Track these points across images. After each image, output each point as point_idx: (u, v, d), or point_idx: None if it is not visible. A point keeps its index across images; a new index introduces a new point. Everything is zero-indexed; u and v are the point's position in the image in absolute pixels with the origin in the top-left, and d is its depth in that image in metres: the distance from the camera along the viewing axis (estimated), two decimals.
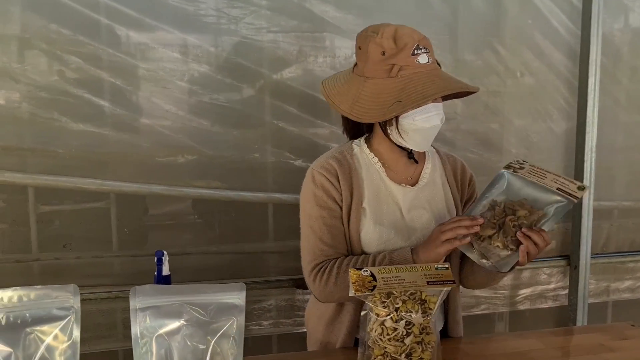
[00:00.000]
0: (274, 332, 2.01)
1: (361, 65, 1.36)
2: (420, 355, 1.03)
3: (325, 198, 1.36)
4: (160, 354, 0.91)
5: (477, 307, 2.23)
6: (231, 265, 1.94)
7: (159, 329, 0.91)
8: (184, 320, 0.92)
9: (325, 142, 1.97)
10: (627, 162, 2.33)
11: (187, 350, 0.92)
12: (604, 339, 1.40)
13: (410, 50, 1.28)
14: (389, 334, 1.02)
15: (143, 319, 0.90)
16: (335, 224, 1.36)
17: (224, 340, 0.93)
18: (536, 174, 1.24)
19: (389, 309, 1.03)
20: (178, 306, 0.92)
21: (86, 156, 1.78)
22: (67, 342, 0.87)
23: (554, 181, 1.22)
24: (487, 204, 1.24)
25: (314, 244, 1.36)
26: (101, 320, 1.82)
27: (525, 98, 2.18)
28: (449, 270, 1.10)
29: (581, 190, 1.20)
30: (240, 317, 0.94)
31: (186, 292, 0.93)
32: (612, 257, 2.35)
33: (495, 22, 2.12)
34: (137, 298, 0.90)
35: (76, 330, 0.87)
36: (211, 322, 0.93)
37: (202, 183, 1.90)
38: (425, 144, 1.38)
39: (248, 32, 1.86)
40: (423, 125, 1.31)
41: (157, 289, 0.94)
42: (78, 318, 0.88)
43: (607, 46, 2.17)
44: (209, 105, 1.86)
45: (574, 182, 1.22)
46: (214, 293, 0.94)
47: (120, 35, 1.77)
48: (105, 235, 1.84)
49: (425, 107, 1.29)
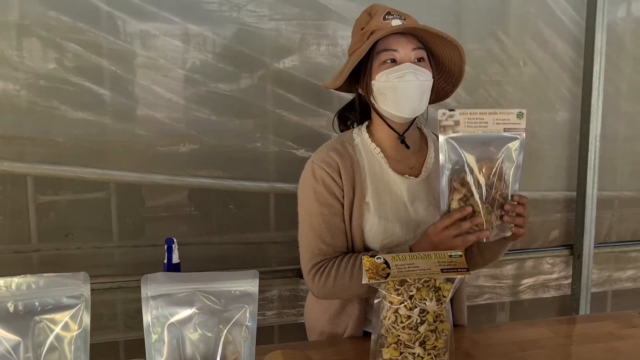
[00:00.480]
0: (278, 322, 1.99)
1: (348, 49, 1.42)
2: (434, 343, 1.02)
3: (325, 194, 1.33)
4: (172, 343, 0.88)
5: (480, 297, 2.23)
6: (233, 255, 1.93)
7: (170, 317, 0.88)
8: (196, 309, 0.89)
9: (327, 132, 1.94)
10: (630, 152, 2.33)
11: (199, 338, 0.90)
12: (612, 327, 1.39)
13: (381, 15, 1.31)
14: (403, 321, 1.01)
15: (155, 307, 0.87)
16: (335, 221, 1.33)
17: (236, 328, 0.91)
18: (476, 123, 1.16)
19: (402, 297, 1.01)
20: (190, 294, 0.89)
21: (86, 145, 1.75)
22: (77, 330, 0.84)
23: (496, 122, 1.16)
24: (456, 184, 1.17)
25: (312, 243, 1.34)
26: (102, 310, 1.80)
27: (528, 87, 2.18)
28: (462, 257, 1.09)
29: (521, 118, 1.16)
30: (253, 305, 0.92)
31: (198, 279, 0.91)
32: (615, 247, 2.36)
33: (499, 11, 2.10)
34: (148, 285, 0.87)
35: (86, 318, 0.85)
36: (224, 311, 0.90)
37: (204, 172, 1.88)
38: (408, 105, 1.31)
39: (250, 20, 1.84)
40: (396, 82, 1.28)
41: (169, 276, 0.91)
42: (88, 306, 0.86)
43: (611, 35, 2.16)
44: (211, 94, 1.84)
45: (511, 112, 1.17)
46: (227, 281, 0.92)
47: (121, 22, 1.74)
48: (106, 225, 1.81)
49: (400, 66, 1.29)
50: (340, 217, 1.34)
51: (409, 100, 1.30)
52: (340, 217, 1.34)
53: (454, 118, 1.16)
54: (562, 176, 2.25)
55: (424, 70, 1.31)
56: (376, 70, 1.31)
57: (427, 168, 1.40)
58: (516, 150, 1.17)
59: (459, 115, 1.16)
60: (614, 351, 1.26)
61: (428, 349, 1.02)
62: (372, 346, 1.05)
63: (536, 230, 2.24)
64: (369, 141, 1.40)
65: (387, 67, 1.30)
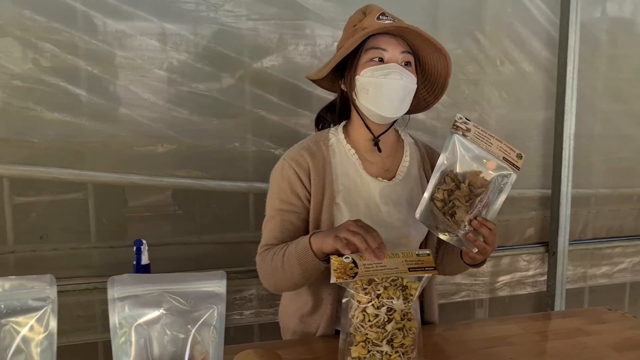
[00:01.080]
0: (256, 322, 2.00)
1: (338, 44, 1.41)
2: (401, 341, 1.04)
3: (288, 193, 1.35)
4: (139, 343, 0.89)
5: (457, 294, 2.25)
6: (212, 255, 1.93)
7: (138, 318, 0.89)
8: (163, 310, 0.90)
9: (306, 131, 1.96)
10: (605, 150, 2.36)
11: (167, 339, 0.90)
12: (581, 323, 1.42)
13: (375, 15, 1.32)
14: (371, 320, 1.02)
15: (122, 309, 0.88)
16: (291, 218, 1.35)
17: (204, 329, 0.92)
18: (483, 139, 1.21)
19: (370, 296, 1.03)
20: (158, 295, 0.90)
21: (63, 146, 1.74)
22: (43, 333, 0.85)
23: (499, 149, 1.20)
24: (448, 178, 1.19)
25: (265, 234, 1.37)
26: (79, 312, 1.80)
27: (505, 86, 2.20)
28: (430, 256, 1.10)
29: (520, 159, 1.20)
30: (221, 305, 0.93)
31: (166, 280, 0.92)
32: (590, 244, 2.39)
33: (475, 11, 2.12)
34: (115, 287, 0.88)
35: (53, 321, 0.86)
36: (192, 311, 0.91)
37: (182, 173, 1.88)
38: (389, 105, 1.31)
39: (227, 20, 1.84)
40: (381, 79, 1.29)
41: (136, 278, 0.92)
42: (55, 309, 0.86)
43: (586, 34, 2.19)
44: (189, 94, 1.84)
45: (513, 150, 1.21)
46: (194, 281, 0.92)
47: (97, 22, 1.74)
48: (83, 226, 1.81)
49: (387, 65, 1.30)
50: (297, 216, 1.35)
51: (390, 100, 1.31)
52: (297, 216, 1.35)
53: (468, 125, 1.21)
54: (537, 174, 2.28)
55: (409, 73, 1.32)
56: (362, 66, 1.32)
57: (401, 171, 1.41)
58: (507, 185, 1.20)
59: (472, 126, 1.21)
60: (580, 346, 1.29)
61: (396, 347, 1.03)
62: (340, 344, 1.07)
63: (512, 228, 2.27)
64: (344, 142, 1.40)
65: (374, 65, 1.31)
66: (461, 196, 1.18)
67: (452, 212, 1.19)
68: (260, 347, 1.10)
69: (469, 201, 1.18)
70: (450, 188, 1.19)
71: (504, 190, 1.21)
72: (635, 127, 2.41)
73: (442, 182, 1.20)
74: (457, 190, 1.19)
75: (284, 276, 1.28)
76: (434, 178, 1.20)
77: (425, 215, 1.20)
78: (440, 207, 1.19)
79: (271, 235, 1.36)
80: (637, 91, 2.38)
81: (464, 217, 1.18)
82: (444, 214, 1.19)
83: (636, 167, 2.43)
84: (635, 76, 2.37)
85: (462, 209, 1.18)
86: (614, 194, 2.42)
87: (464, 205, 1.18)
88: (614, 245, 2.43)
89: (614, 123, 2.37)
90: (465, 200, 1.18)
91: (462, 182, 1.18)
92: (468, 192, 1.18)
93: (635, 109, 2.40)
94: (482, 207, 1.20)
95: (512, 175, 1.20)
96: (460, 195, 1.18)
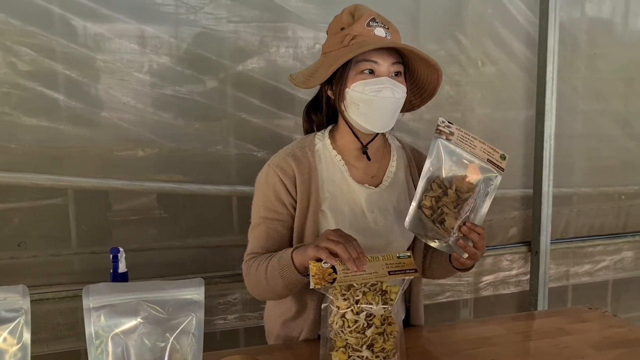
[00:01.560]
0: (240, 326, 1.99)
1: (323, 46, 1.37)
2: (382, 345, 1.04)
3: (273, 200, 1.33)
4: (116, 353, 0.88)
5: (442, 295, 2.26)
6: (195, 259, 1.92)
7: (114, 328, 0.88)
8: (140, 318, 0.89)
9: (289, 134, 1.95)
10: (585, 149, 2.39)
11: (144, 348, 0.89)
12: (562, 323, 1.43)
13: (365, 21, 1.28)
14: (350, 326, 1.02)
15: (97, 318, 0.87)
16: (276, 227, 1.34)
17: (183, 336, 0.91)
18: (467, 142, 1.20)
19: (349, 302, 1.02)
20: (134, 304, 0.89)
21: (41, 151, 1.72)
22: (17, 345, 0.83)
23: (483, 151, 1.20)
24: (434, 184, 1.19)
25: (252, 242, 1.37)
26: (60, 320, 1.77)
27: (487, 87, 2.21)
28: (411, 258, 1.10)
29: (504, 160, 1.20)
30: (200, 312, 0.92)
31: (143, 289, 0.91)
32: (571, 242, 2.41)
33: (456, 12, 2.13)
34: (90, 297, 0.87)
35: (26, 332, 0.84)
36: (169, 319, 0.90)
37: (164, 177, 1.86)
38: (379, 120, 1.30)
39: (208, 22, 1.83)
40: (373, 95, 1.26)
41: (112, 286, 0.91)
42: (28, 320, 0.84)
43: (565, 35, 2.21)
44: (170, 98, 1.82)
45: (496, 151, 1.21)
46: (172, 289, 0.91)
47: (75, 25, 1.72)
48: (64, 232, 1.78)
49: (379, 79, 1.27)
50: (283, 224, 1.34)
51: (381, 116, 1.29)
52: (282, 224, 1.34)
53: (451, 129, 1.20)
54: (519, 174, 2.29)
55: (400, 86, 1.29)
56: (352, 79, 1.28)
57: (388, 177, 1.40)
58: (493, 187, 1.20)
59: (455, 130, 1.20)
60: (561, 346, 1.30)
61: (376, 352, 1.03)
62: (321, 350, 1.06)
63: (495, 228, 2.28)
64: (330, 147, 1.38)
65: (365, 78, 1.27)
66: (449, 202, 1.18)
67: (441, 220, 1.18)
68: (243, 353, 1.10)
69: (457, 207, 1.18)
70: (437, 195, 1.18)
71: (491, 193, 1.20)
72: (615, 126, 2.43)
73: (429, 189, 1.19)
74: (445, 196, 1.18)
75: (268, 288, 1.28)
76: (421, 185, 1.19)
77: (414, 223, 1.19)
78: (428, 215, 1.18)
79: (257, 244, 1.35)
80: (616, 91, 2.41)
81: (453, 223, 1.18)
82: (433, 222, 1.18)
83: (616, 166, 2.46)
84: (614, 76, 2.39)
85: (451, 215, 1.17)
86: (595, 193, 2.44)
87: (453, 212, 1.17)
88: (595, 244, 2.45)
89: (593, 122, 2.39)
90: (454, 207, 1.18)
91: (449, 188, 1.17)
92: (455, 197, 1.18)
93: (615, 109, 2.42)
94: (469, 211, 1.19)
95: (497, 177, 1.20)
96: (448, 201, 1.18)
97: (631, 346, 1.29)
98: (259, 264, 1.29)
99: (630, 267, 2.55)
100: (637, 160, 2.48)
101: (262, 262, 1.28)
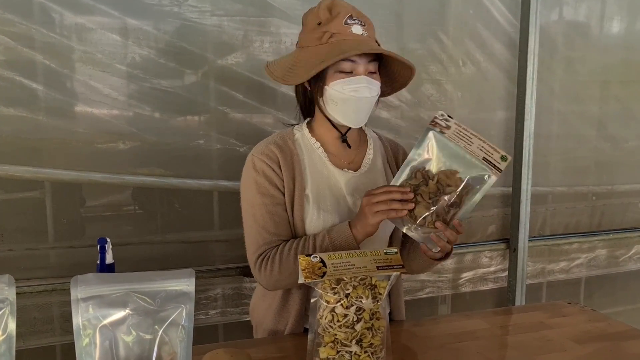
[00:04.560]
0: (221, 321, 1.97)
1: (300, 38, 1.39)
2: (370, 340, 1.04)
3: (267, 185, 1.34)
4: (104, 345, 0.87)
5: (422, 291, 2.28)
6: (176, 254, 1.89)
7: (102, 319, 0.86)
8: (129, 310, 0.88)
9: (271, 129, 1.94)
10: (561, 149, 2.44)
11: (133, 340, 0.88)
12: (543, 317, 1.46)
13: (342, 18, 1.29)
14: (339, 320, 1.02)
15: (85, 310, 0.85)
16: (278, 211, 1.34)
17: (172, 329, 0.90)
18: (463, 137, 1.19)
19: (339, 296, 1.02)
20: (123, 295, 0.88)
21: (18, 142, 1.68)
22: (1, 336, 0.81)
23: (480, 148, 1.18)
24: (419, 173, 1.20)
25: (257, 234, 1.34)
26: (37, 314, 1.73)
27: (467, 87, 2.24)
28: (397, 255, 1.11)
29: (504, 161, 1.18)
30: (190, 304, 0.91)
31: (132, 280, 0.89)
32: (548, 240, 2.46)
33: (439, 12, 2.15)
34: (78, 287, 0.85)
35: (11, 323, 0.82)
36: (159, 311, 0.89)
37: (145, 171, 1.84)
38: (356, 117, 1.34)
39: (191, 15, 1.81)
40: (351, 95, 1.29)
41: (101, 277, 0.89)
42: (13, 310, 0.83)
43: (544, 37, 2.25)
44: (151, 90, 1.79)
45: (497, 151, 1.19)
46: (162, 280, 0.90)
47: (54, 15, 1.68)
48: (40, 226, 1.74)
49: (357, 77, 1.29)
50: (282, 206, 1.35)
51: (358, 113, 1.33)
52: (282, 207, 1.35)
53: (449, 123, 1.20)
54: None
55: (376, 83, 1.33)
56: (331, 77, 1.31)
57: (366, 162, 1.43)
58: (485, 185, 1.19)
59: (454, 125, 1.20)
60: (544, 339, 1.32)
61: (365, 347, 1.03)
62: (309, 345, 1.06)
63: (475, 225, 2.32)
64: (309, 136, 1.42)
65: (343, 77, 1.30)
66: (426, 192, 1.19)
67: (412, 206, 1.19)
68: (230, 347, 1.09)
69: (433, 198, 1.19)
70: (417, 184, 1.20)
71: (480, 191, 1.19)
72: (590, 127, 2.49)
73: (412, 177, 1.20)
74: (424, 186, 1.19)
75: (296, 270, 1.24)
76: (403, 172, 1.20)
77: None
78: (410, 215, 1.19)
79: (263, 232, 1.33)
80: (592, 93, 2.46)
81: (422, 213, 1.19)
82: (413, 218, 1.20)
83: (591, 166, 2.52)
84: (590, 78, 2.45)
85: (423, 204, 1.19)
86: (570, 192, 2.50)
87: (425, 202, 1.19)
88: (571, 242, 2.51)
89: (570, 123, 2.44)
90: (429, 197, 1.19)
91: (430, 179, 1.19)
92: (435, 189, 1.18)
93: (590, 111, 2.48)
94: (447, 206, 1.20)
95: (491, 177, 1.19)
96: (426, 191, 1.19)
97: (611, 340, 1.33)
98: (290, 248, 1.30)
99: (603, 265, 2.62)
100: (610, 161, 2.54)
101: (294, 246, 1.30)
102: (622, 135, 2.54)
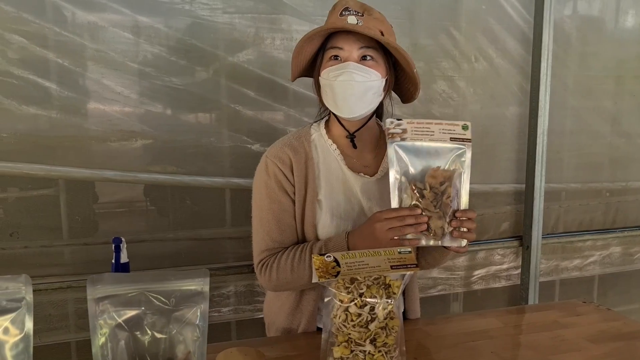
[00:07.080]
0: (234, 319, 1.98)
1: None
2: (384, 340, 1.03)
3: (276, 190, 1.33)
4: (120, 345, 0.87)
5: (434, 288, 2.28)
6: (188, 251, 1.90)
7: (118, 318, 0.87)
8: (145, 309, 0.88)
9: (283, 126, 1.94)
10: (575, 145, 2.41)
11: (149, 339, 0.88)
12: (558, 316, 1.45)
13: (339, 11, 1.29)
14: (353, 320, 1.01)
15: (101, 309, 0.86)
16: (285, 217, 1.34)
17: (187, 328, 0.91)
18: (422, 131, 1.18)
19: (353, 295, 1.02)
20: (138, 294, 0.88)
21: (33, 141, 1.69)
22: (18, 335, 0.82)
23: (442, 132, 1.18)
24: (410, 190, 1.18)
25: (261, 239, 1.35)
26: (52, 311, 1.75)
27: (480, 83, 2.22)
28: (412, 254, 1.10)
29: (466, 130, 1.19)
30: (204, 304, 0.91)
31: (147, 279, 0.90)
32: (562, 237, 2.44)
33: (451, 7, 2.13)
34: (95, 287, 0.85)
35: (29, 322, 0.83)
36: (174, 310, 0.90)
37: (157, 168, 1.84)
38: (345, 105, 1.28)
39: (203, 13, 1.81)
40: (333, 80, 1.26)
41: (116, 277, 0.90)
42: (30, 310, 0.83)
43: (557, 32, 2.23)
44: (163, 88, 1.80)
45: (456, 124, 1.19)
46: (177, 280, 0.91)
47: (67, 13, 1.69)
48: (55, 223, 1.76)
49: (342, 64, 1.27)
50: (290, 213, 1.34)
51: (345, 100, 1.28)
52: (290, 214, 1.34)
53: (402, 127, 1.18)
54: (511, 169, 2.31)
55: (366, 69, 1.27)
56: (323, 66, 1.31)
57: (383, 167, 1.39)
58: (467, 161, 1.19)
59: (407, 124, 1.19)
60: (559, 339, 1.31)
61: (379, 346, 1.03)
62: (322, 345, 1.06)
63: (487, 222, 2.30)
64: (325, 137, 1.39)
65: (332, 64, 1.29)
66: (428, 204, 1.17)
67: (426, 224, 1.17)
68: (243, 345, 1.09)
69: (438, 203, 1.17)
70: (415, 202, 1.17)
71: (466, 169, 1.19)
72: (604, 123, 2.46)
73: (407, 196, 1.18)
74: (422, 199, 1.17)
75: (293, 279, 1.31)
76: (394, 197, 1.18)
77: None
78: None
79: (269, 240, 1.34)
80: (605, 88, 2.44)
81: (438, 224, 1.17)
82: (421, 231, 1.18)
83: (605, 163, 2.50)
84: (604, 73, 2.42)
85: (434, 217, 1.17)
86: (584, 189, 2.47)
87: (435, 213, 1.17)
88: (585, 239, 2.49)
89: (583, 119, 2.42)
90: (434, 207, 1.17)
91: (423, 189, 1.17)
92: (433, 196, 1.17)
93: (604, 106, 2.45)
94: (452, 199, 1.18)
95: (467, 150, 1.18)
96: (427, 203, 1.17)
97: (627, 339, 1.31)
98: (287, 257, 1.31)
99: (617, 262, 2.59)
100: (625, 157, 2.51)
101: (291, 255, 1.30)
102: (636, 131, 2.52)
